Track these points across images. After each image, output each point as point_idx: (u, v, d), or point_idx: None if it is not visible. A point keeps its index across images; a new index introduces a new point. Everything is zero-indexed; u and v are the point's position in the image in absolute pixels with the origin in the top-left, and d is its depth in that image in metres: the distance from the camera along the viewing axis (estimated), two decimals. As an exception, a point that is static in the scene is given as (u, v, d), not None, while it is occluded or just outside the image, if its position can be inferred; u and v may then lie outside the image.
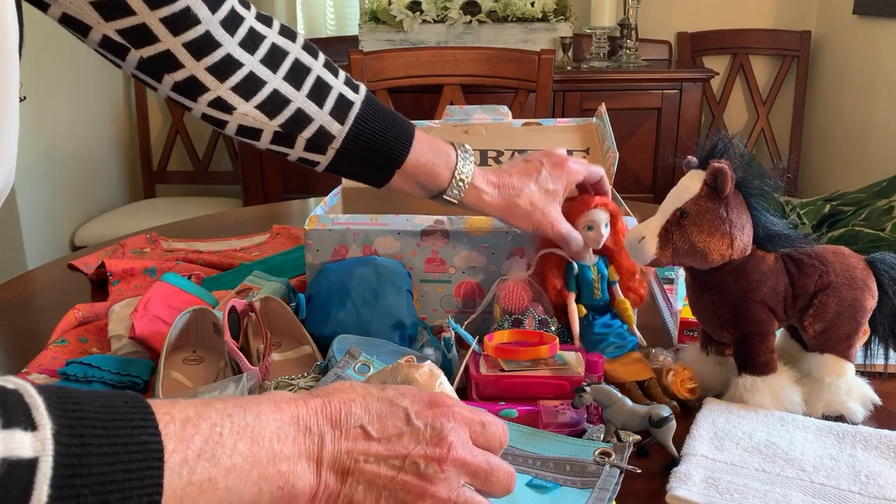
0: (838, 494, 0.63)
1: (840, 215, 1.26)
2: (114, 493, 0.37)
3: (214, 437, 0.42)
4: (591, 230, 0.87)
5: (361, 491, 0.47)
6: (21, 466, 0.34)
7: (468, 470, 0.50)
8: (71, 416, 0.37)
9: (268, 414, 0.46)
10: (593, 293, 0.88)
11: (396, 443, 0.48)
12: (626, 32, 2.86)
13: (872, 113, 2.65)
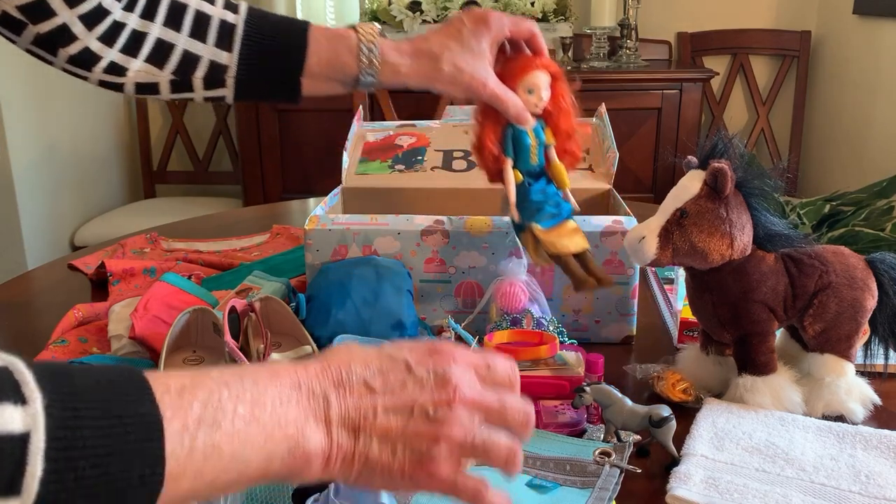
0: (838, 494, 0.63)
1: (840, 215, 1.26)
2: (114, 464, 0.36)
3: (213, 403, 0.41)
4: (531, 94, 0.82)
5: (376, 446, 0.46)
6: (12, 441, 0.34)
7: (480, 408, 0.49)
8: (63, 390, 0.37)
9: (266, 381, 0.45)
10: (530, 158, 0.84)
11: (401, 393, 0.47)
12: (626, 32, 2.86)
13: (872, 113, 2.65)
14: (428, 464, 0.47)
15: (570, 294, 0.94)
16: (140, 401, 0.39)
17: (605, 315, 0.95)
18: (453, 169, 1.11)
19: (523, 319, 0.86)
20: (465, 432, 0.48)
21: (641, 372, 0.85)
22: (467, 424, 0.48)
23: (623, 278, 0.93)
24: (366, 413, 0.47)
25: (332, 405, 0.46)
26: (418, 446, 0.47)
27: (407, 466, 0.47)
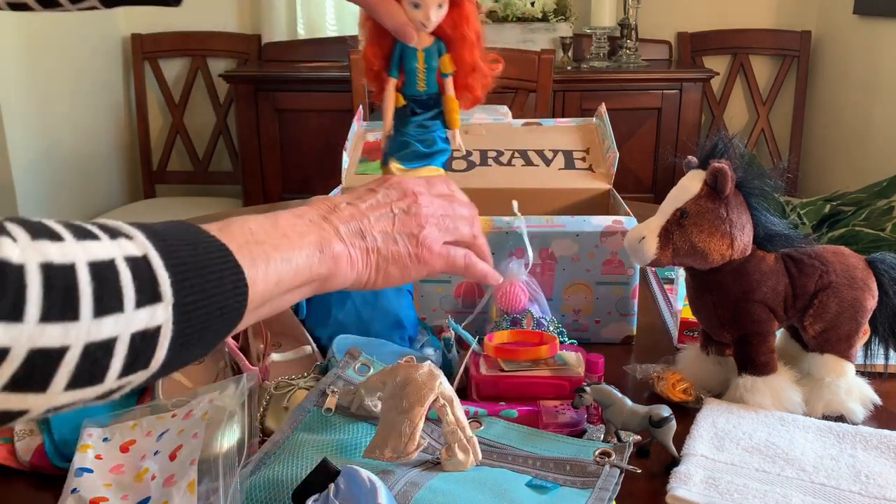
0: (838, 494, 0.63)
1: (840, 215, 1.26)
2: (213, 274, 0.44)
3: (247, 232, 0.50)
4: (417, 8, 0.71)
5: (380, 240, 0.59)
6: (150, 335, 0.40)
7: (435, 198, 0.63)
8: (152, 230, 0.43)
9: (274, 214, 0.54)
10: (416, 82, 0.76)
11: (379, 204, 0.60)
12: (626, 32, 2.86)
13: (873, 113, 2.65)
14: (423, 241, 0.61)
15: (571, 294, 0.94)
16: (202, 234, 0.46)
17: (605, 315, 0.95)
18: (453, 169, 1.11)
19: (523, 319, 0.86)
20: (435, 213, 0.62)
21: (641, 372, 0.85)
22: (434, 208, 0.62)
23: (623, 278, 0.93)
24: (361, 220, 0.58)
25: (333, 222, 0.57)
26: (410, 231, 0.60)
27: (411, 248, 0.60)
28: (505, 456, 0.66)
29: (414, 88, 0.76)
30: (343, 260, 0.56)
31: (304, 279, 0.53)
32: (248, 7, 3.11)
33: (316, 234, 0.55)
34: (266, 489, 0.60)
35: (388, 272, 0.60)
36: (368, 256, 0.58)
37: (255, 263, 0.48)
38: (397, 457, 0.60)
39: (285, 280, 0.51)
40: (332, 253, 0.55)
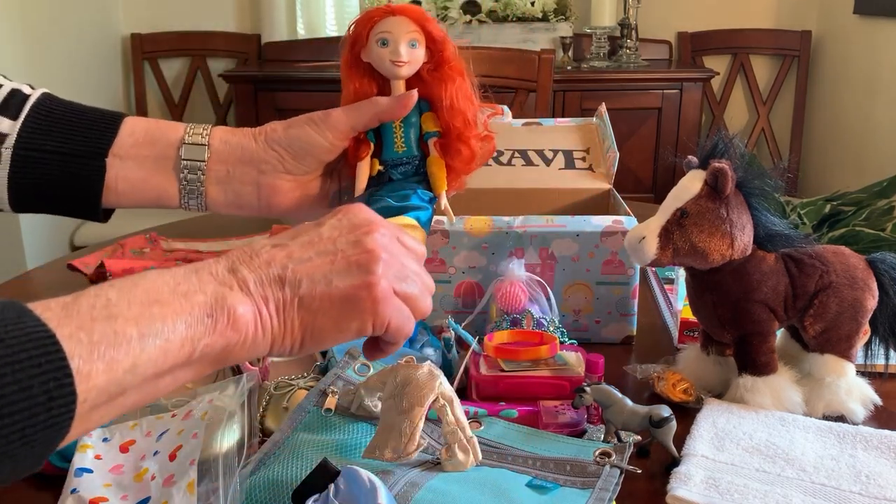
0: (839, 495, 0.63)
1: (840, 215, 1.26)
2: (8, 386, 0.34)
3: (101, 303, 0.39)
4: (384, 45, 0.63)
5: (307, 284, 0.46)
6: None
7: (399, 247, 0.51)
8: None
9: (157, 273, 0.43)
10: (394, 145, 0.66)
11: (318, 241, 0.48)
12: (627, 32, 2.86)
13: (873, 113, 2.65)
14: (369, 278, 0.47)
15: (571, 294, 0.94)
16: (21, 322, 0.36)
17: (606, 315, 0.95)
18: (453, 169, 1.11)
19: (523, 319, 0.86)
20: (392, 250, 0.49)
21: (642, 372, 0.84)
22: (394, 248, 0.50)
23: (623, 278, 0.93)
24: (283, 264, 0.46)
25: (240, 271, 0.45)
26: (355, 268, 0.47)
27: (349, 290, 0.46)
28: (505, 456, 0.66)
29: (391, 151, 0.66)
30: (247, 323, 0.43)
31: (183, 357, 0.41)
32: (248, 7, 3.11)
33: (207, 294, 0.42)
34: (266, 489, 0.60)
35: (315, 325, 0.46)
36: (287, 311, 0.45)
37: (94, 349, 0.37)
38: (397, 457, 0.60)
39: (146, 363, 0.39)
40: (228, 317, 0.42)
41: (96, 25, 2.92)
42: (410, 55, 0.64)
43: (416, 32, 0.64)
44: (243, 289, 0.44)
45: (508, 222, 0.93)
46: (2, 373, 0.34)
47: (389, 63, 0.64)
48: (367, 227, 0.49)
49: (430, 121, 0.66)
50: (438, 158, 0.66)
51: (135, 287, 0.41)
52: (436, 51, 0.65)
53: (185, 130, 0.65)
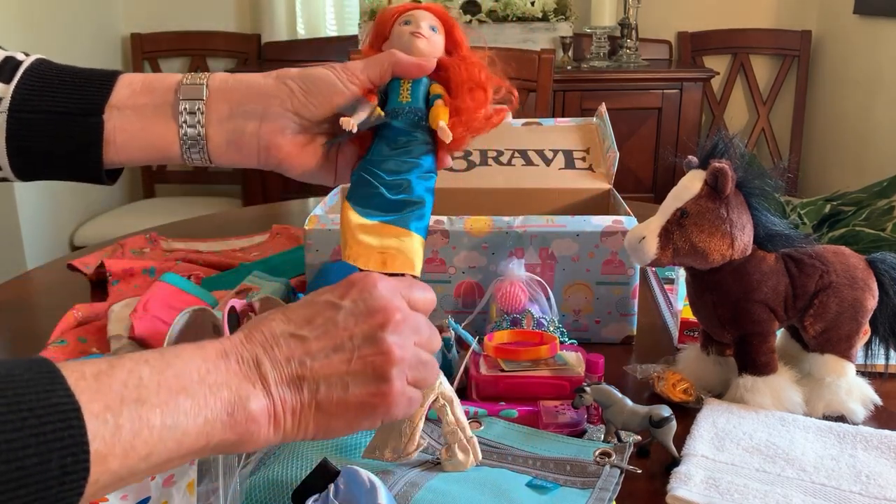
0: (839, 495, 0.63)
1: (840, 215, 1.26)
2: (30, 457, 0.35)
3: (134, 381, 0.40)
4: (408, 24, 0.64)
5: (324, 389, 0.46)
6: None
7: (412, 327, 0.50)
8: None
9: (190, 352, 0.44)
10: (399, 93, 0.63)
11: (333, 331, 0.47)
12: (627, 32, 2.86)
13: (873, 113, 2.65)
14: (384, 387, 0.47)
15: (571, 294, 0.94)
16: (52, 391, 0.37)
17: (606, 315, 0.94)
18: (453, 169, 1.11)
19: (523, 319, 0.86)
20: (407, 349, 0.49)
21: (642, 372, 0.84)
22: (408, 344, 0.49)
23: (623, 278, 0.93)
24: (301, 360, 0.46)
25: (263, 364, 0.45)
26: (371, 373, 0.47)
27: (365, 397, 0.47)
28: (505, 456, 0.66)
29: (395, 100, 0.63)
30: (262, 422, 0.44)
31: (197, 448, 0.42)
32: (248, 7, 3.11)
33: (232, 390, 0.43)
34: (266, 489, 0.60)
35: (329, 427, 0.47)
36: (303, 413, 0.46)
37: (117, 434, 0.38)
38: (397, 457, 0.60)
39: (162, 452, 0.40)
40: (246, 415, 0.43)
41: (96, 25, 2.92)
42: (430, 34, 0.63)
43: (438, 23, 0.65)
44: (265, 387, 0.45)
45: (508, 222, 0.93)
46: (27, 443, 0.35)
47: (409, 36, 0.63)
48: (383, 316, 0.49)
49: (439, 88, 0.64)
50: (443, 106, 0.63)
51: (167, 368, 0.42)
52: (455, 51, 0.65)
53: (184, 76, 0.63)
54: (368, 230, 0.59)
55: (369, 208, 0.60)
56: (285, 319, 0.48)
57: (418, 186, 0.61)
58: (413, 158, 0.62)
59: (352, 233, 0.59)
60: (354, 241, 0.58)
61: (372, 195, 0.60)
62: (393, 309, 0.49)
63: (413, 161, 0.62)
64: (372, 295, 0.49)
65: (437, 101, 0.63)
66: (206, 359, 0.44)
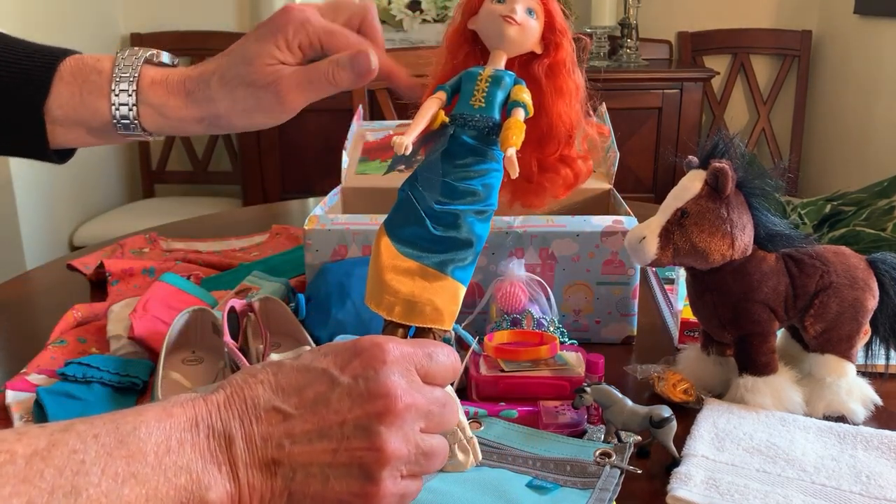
0: (839, 495, 0.63)
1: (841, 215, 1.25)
2: None
3: (73, 467, 0.35)
4: (500, 2, 0.56)
5: (300, 478, 0.40)
6: None
7: (420, 413, 0.43)
8: None
9: (153, 424, 0.38)
10: (471, 97, 0.54)
11: (323, 410, 0.41)
12: (627, 32, 2.86)
13: (873, 113, 2.65)
14: (370, 487, 0.41)
15: (571, 294, 0.94)
16: None
17: (606, 315, 0.94)
18: (453, 169, 1.11)
19: (523, 319, 0.86)
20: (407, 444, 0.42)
21: (642, 372, 0.84)
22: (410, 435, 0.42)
23: (623, 278, 0.93)
24: (280, 443, 0.40)
25: (235, 444, 0.40)
26: (357, 469, 0.41)
27: (345, 495, 0.41)
28: (505, 456, 0.65)
29: (467, 104, 0.54)
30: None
31: None
32: (248, 7, 3.11)
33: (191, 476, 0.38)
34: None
35: None
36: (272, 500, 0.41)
37: None
38: None
39: None
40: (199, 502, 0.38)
41: (96, 25, 2.91)
42: (524, 20, 0.55)
43: (537, 5, 0.56)
44: (232, 470, 0.39)
45: (508, 222, 0.93)
46: None
47: (499, 19, 0.55)
48: (384, 404, 0.41)
49: (523, 93, 0.55)
50: (520, 122, 0.53)
51: (119, 447, 0.37)
52: (552, 42, 0.57)
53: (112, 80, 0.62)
54: (402, 273, 0.52)
55: (408, 245, 0.52)
56: (273, 386, 0.42)
57: (472, 223, 0.54)
58: (472, 184, 0.53)
59: (382, 273, 0.52)
60: (381, 282, 0.52)
61: (414, 227, 0.53)
62: (396, 396, 0.42)
63: (471, 188, 0.53)
64: (377, 374, 0.42)
65: (516, 110, 0.54)
66: (171, 432, 0.39)
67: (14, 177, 2.39)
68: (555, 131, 0.58)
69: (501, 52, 0.56)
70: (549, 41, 0.57)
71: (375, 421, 0.41)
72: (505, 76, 0.55)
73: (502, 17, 0.55)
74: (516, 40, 0.56)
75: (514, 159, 0.51)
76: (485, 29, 0.57)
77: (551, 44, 0.57)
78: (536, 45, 0.57)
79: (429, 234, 0.52)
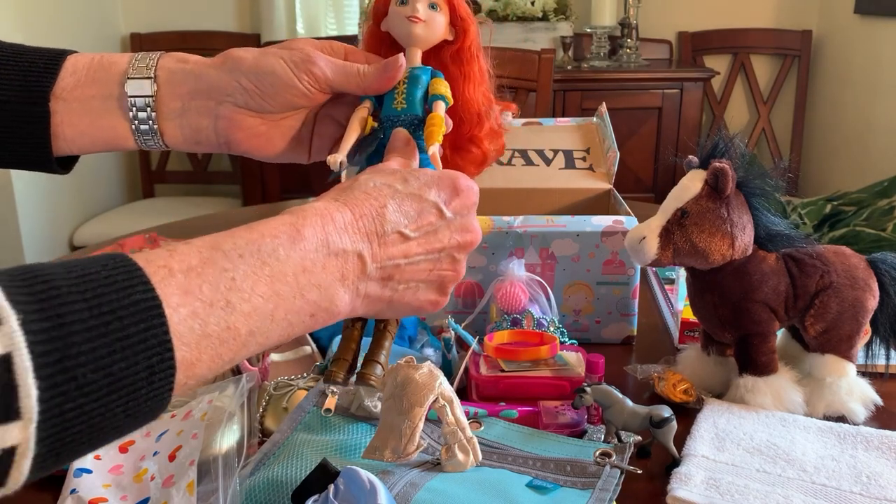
0: (839, 495, 0.63)
1: (841, 215, 1.26)
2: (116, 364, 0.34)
3: (226, 283, 0.39)
4: (403, 4, 0.59)
5: (402, 289, 0.49)
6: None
7: None
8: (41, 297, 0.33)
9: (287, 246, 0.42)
10: (394, 99, 0.59)
11: (433, 238, 0.49)
12: (627, 32, 2.86)
13: (873, 113, 2.65)
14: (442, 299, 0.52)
15: (571, 294, 0.94)
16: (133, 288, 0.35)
17: (606, 315, 0.94)
18: (453, 168, 1.11)
19: (523, 319, 0.86)
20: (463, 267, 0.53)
21: (642, 372, 0.84)
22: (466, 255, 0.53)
23: (624, 278, 0.93)
24: (398, 262, 0.48)
25: (365, 262, 0.46)
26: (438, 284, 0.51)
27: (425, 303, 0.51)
28: (505, 456, 0.65)
29: (390, 107, 0.59)
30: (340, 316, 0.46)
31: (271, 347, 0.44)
32: (248, 6, 3.11)
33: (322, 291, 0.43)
34: (265, 490, 0.60)
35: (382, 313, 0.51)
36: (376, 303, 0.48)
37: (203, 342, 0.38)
38: (397, 457, 0.60)
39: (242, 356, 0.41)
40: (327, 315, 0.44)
41: (96, 25, 2.91)
42: (428, 16, 0.59)
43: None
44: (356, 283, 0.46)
45: (508, 222, 0.93)
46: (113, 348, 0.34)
47: (404, 21, 0.59)
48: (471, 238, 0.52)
49: (441, 86, 0.60)
50: (440, 117, 0.58)
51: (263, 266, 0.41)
52: (459, 28, 0.61)
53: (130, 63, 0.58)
54: None
55: None
56: (398, 208, 0.48)
57: None
58: None
59: None
60: None
61: None
62: (477, 233, 0.52)
63: None
64: (469, 213, 0.52)
65: (436, 103, 0.59)
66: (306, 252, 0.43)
67: (14, 177, 2.39)
68: (465, 114, 0.63)
69: (414, 48, 0.61)
70: (458, 27, 0.61)
71: (461, 251, 0.51)
72: (421, 74, 0.60)
73: (407, 17, 0.59)
74: (424, 36, 0.60)
75: (437, 156, 0.57)
76: (395, 29, 0.61)
77: (460, 30, 0.61)
78: (447, 33, 0.61)
79: None
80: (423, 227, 0.49)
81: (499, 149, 0.67)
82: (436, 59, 0.62)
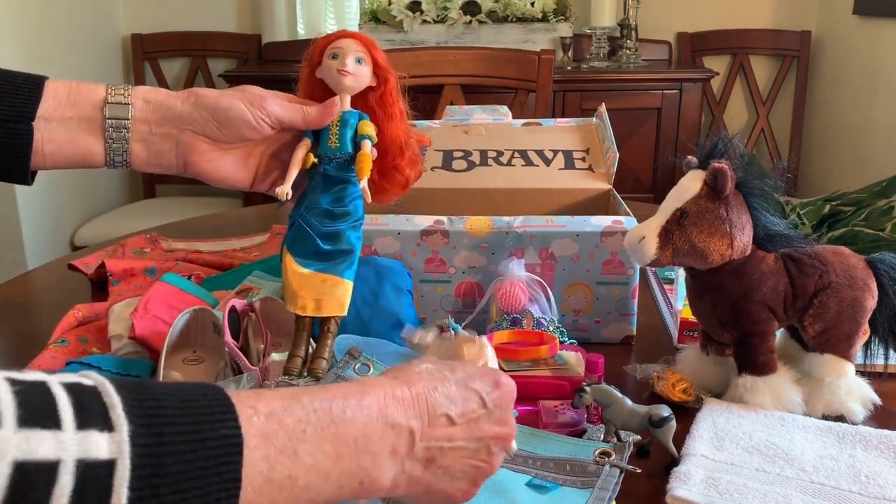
0: (838, 494, 0.63)
1: (840, 215, 1.26)
2: (192, 490, 0.37)
3: (297, 434, 0.42)
4: (335, 59, 0.71)
5: (440, 475, 0.49)
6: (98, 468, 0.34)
7: None
8: (150, 413, 0.37)
9: (355, 409, 0.45)
10: (328, 139, 0.71)
11: (475, 426, 0.51)
12: (626, 32, 2.86)
13: (872, 113, 2.65)
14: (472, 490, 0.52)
15: (571, 294, 0.94)
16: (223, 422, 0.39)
17: (605, 315, 0.95)
18: (453, 169, 1.11)
19: (523, 319, 0.86)
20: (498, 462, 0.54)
21: (641, 372, 0.85)
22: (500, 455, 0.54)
23: (623, 278, 0.93)
24: (441, 445, 0.49)
25: (415, 439, 0.48)
26: (472, 476, 0.51)
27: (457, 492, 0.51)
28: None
29: (325, 146, 0.71)
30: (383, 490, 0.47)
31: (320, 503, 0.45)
32: (248, 7, 3.11)
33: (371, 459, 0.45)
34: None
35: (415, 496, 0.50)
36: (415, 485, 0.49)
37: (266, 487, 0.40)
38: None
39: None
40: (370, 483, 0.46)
41: (96, 25, 2.92)
42: (356, 69, 0.71)
43: (364, 53, 0.71)
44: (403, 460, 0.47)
45: (508, 222, 0.93)
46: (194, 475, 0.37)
47: (336, 73, 0.70)
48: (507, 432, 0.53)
49: (367, 127, 0.72)
50: (367, 155, 0.71)
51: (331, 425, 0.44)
52: (381, 77, 0.73)
53: (107, 91, 0.68)
54: (307, 279, 0.69)
55: (306, 258, 0.70)
56: (446, 393, 0.50)
57: (350, 236, 0.71)
58: (344, 207, 0.71)
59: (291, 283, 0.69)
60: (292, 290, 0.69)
61: (308, 245, 0.70)
62: (514, 429, 0.54)
63: (344, 210, 0.70)
64: (507, 408, 0.54)
65: (364, 142, 0.71)
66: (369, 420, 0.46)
67: (14, 177, 2.39)
68: (389, 147, 0.74)
69: (344, 94, 0.72)
70: (380, 76, 0.73)
71: (497, 444, 0.52)
72: (350, 117, 0.72)
73: (338, 70, 0.70)
74: (352, 86, 0.72)
75: (367, 188, 0.70)
76: (328, 78, 0.72)
77: (381, 78, 0.73)
78: (371, 81, 0.73)
79: (321, 249, 0.70)
80: (467, 414, 0.51)
81: (418, 173, 0.78)
82: (363, 102, 0.73)
